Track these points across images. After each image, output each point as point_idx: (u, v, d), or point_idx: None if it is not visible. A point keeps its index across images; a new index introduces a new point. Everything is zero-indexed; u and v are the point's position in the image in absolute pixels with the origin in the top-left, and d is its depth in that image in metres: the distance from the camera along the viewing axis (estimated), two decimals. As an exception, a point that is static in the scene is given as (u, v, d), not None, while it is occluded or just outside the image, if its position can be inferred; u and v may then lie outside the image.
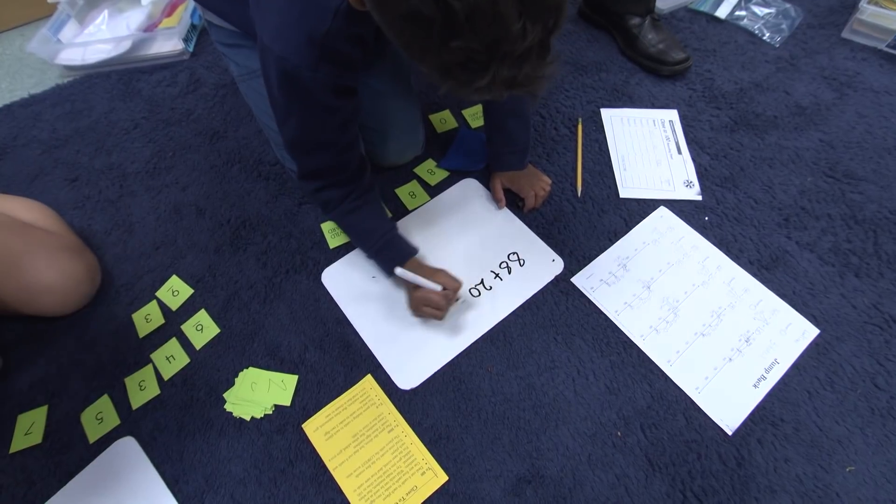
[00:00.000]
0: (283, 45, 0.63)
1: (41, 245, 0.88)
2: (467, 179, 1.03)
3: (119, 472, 0.79)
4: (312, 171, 0.80)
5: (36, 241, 0.88)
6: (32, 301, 0.85)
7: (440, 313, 0.83)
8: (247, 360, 0.86)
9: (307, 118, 0.71)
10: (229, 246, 0.98)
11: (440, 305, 0.82)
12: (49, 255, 0.87)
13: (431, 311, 0.82)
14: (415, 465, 0.76)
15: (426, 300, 0.82)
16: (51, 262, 0.87)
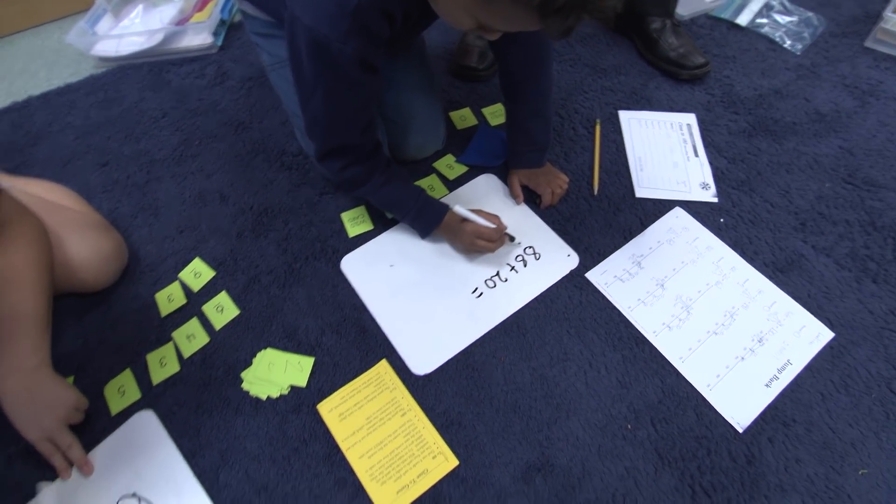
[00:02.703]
0: (314, 15, 0.64)
1: (73, 223, 0.91)
2: (485, 175, 1.04)
3: (138, 443, 0.81)
4: (333, 150, 0.82)
5: (68, 219, 0.91)
6: (67, 277, 0.88)
7: (494, 245, 0.88)
8: (265, 342, 0.88)
9: (332, 91, 0.73)
10: (251, 232, 1.01)
11: (493, 237, 0.88)
12: (81, 233, 0.90)
13: (485, 243, 0.87)
14: (426, 448, 0.77)
15: (479, 233, 0.88)
16: (83, 239, 0.90)
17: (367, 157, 0.85)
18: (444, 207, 0.91)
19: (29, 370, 0.76)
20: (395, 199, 0.91)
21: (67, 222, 0.90)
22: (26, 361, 0.76)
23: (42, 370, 0.77)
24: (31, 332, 0.77)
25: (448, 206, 0.91)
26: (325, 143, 0.82)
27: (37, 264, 0.79)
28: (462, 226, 0.89)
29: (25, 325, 0.76)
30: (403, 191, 0.91)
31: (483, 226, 0.88)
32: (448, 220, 0.90)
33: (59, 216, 0.90)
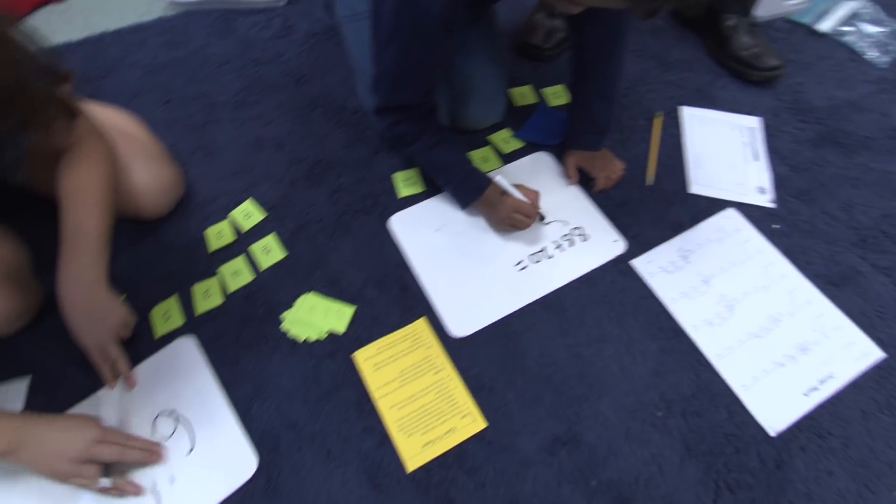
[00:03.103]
0: None
1: (138, 150, 0.94)
2: (540, 152, 1.04)
3: (178, 366, 0.83)
4: (394, 105, 0.84)
5: (134, 146, 0.94)
6: (127, 202, 0.91)
7: (530, 220, 0.89)
8: (307, 287, 0.90)
9: (409, 47, 0.74)
10: (304, 181, 1.02)
11: (530, 212, 0.88)
12: (144, 160, 0.93)
13: (521, 217, 0.88)
14: (456, 408, 0.78)
15: (517, 207, 0.88)
16: (145, 167, 0.93)
17: (422, 117, 0.87)
18: (486, 180, 0.91)
19: (88, 283, 0.79)
20: (442, 164, 0.92)
21: (133, 149, 0.93)
22: (86, 275, 0.79)
23: (99, 285, 0.80)
24: (92, 247, 0.79)
25: (491, 179, 0.91)
26: (388, 98, 0.83)
27: (104, 184, 0.82)
28: (502, 198, 0.89)
29: (88, 240, 0.79)
30: (450, 156, 0.91)
31: (522, 201, 0.88)
32: (488, 193, 0.90)
33: (126, 143, 0.93)
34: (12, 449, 0.68)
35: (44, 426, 0.70)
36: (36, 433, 0.69)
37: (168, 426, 0.79)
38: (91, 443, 0.69)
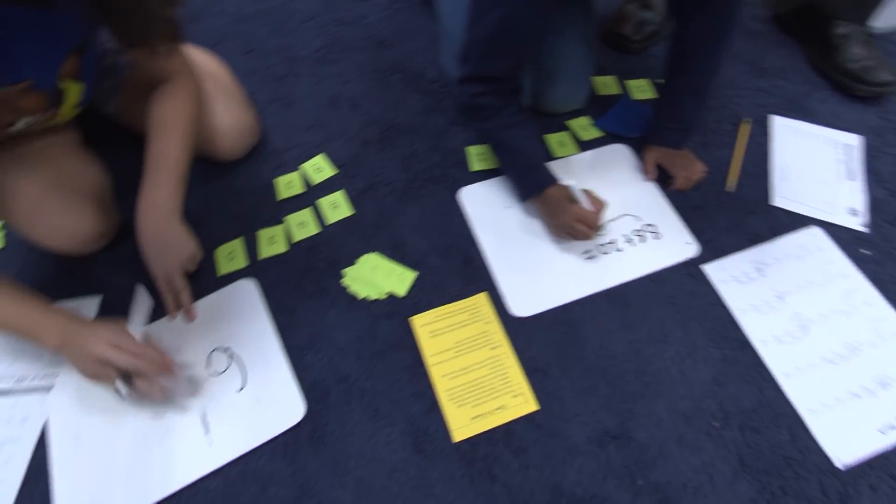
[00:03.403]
0: None
1: (221, 92, 0.95)
2: (619, 144, 1.01)
3: (237, 306, 0.85)
4: (481, 75, 0.82)
5: (218, 87, 0.95)
6: (206, 140, 0.93)
7: (592, 232, 0.85)
8: (371, 247, 0.89)
9: (510, 16, 0.73)
10: (377, 143, 1.02)
11: (593, 224, 0.84)
12: (226, 102, 0.94)
13: (584, 228, 0.84)
14: (509, 386, 0.76)
15: (582, 217, 0.84)
16: (227, 109, 0.94)
17: (506, 93, 0.86)
18: (551, 179, 0.87)
19: (165, 213, 0.81)
20: (513, 147, 0.89)
21: (217, 90, 0.94)
22: (164, 205, 0.81)
23: (175, 216, 0.81)
24: (173, 179, 0.81)
25: (556, 179, 0.87)
26: (477, 67, 0.82)
27: (190, 120, 0.83)
28: (568, 205, 0.85)
29: (170, 171, 0.81)
30: (525, 142, 0.89)
31: (587, 210, 0.84)
32: (553, 194, 0.86)
33: (211, 83, 0.94)
34: (63, 345, 0.71)
35: (79, 327, 0.72)
36: (75, 332, 0.71)
37: (222, 362, 0.80)
38: (106, 346, 0.71)
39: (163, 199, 0.81)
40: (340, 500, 0.70)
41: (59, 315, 0.73)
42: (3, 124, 0.72)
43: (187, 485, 0.72)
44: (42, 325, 0.71)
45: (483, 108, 0.86)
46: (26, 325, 0.72)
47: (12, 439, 0.76)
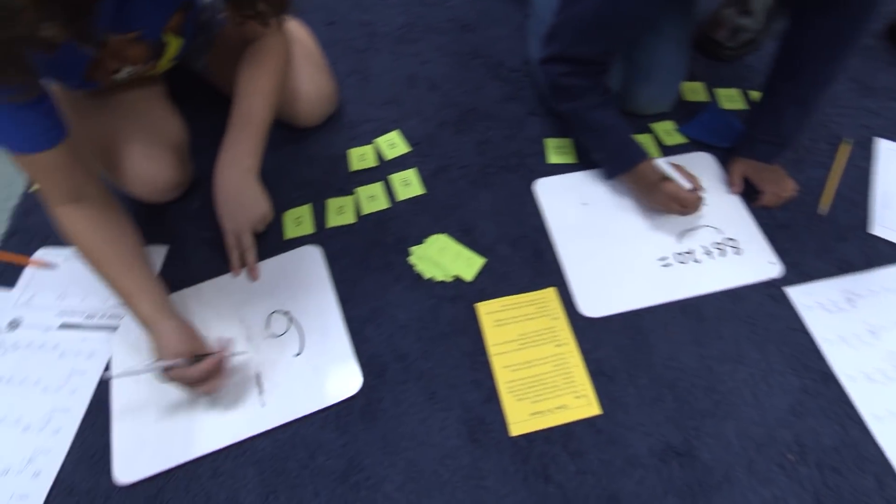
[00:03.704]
0: None
1: (306, 57, 0.95)
2: (703, 152, 0.96)
3: (301, 271, 0.84)
4: (571, 57, 0.81)
5: (303, 52, 0.95)
6: (288, 105, 0.93)
7: (688, 211, 0.83)
8: (440, 228, 0.88)
9: None
10: (453, 125, 1.01)
11: (688, 202, 0.82)
12: (310, 68, 0.94)
13: (679, 207, 0.82)
14: (572, 386, 0.73)
15: (676, 195, 0.82)
16: (310, 74, 0.94)
17: (594, 74, 0.84)
18: (643, 154, 0.85)
19: (243, 170, 0.81)
20: (601, 126, 0.87)
21: (302, 56, 0.94)
22: (244, 160, 0.81)
23: (252, 174, 0.82)
24: (254, 137, 0.81)
25: (647, 155, 0.85)
26: (567, 48, 0.81)
27: (277, 81, 0.83)
28: (661, 184, 0.83)
29: (253, 129, 0.81)
30: (612, 120, 0.87)
31: (682, 188, 0.82)
32: (643, 170, 0.85)
33: (297, 48, 0.94)
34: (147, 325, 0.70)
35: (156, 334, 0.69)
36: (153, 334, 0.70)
37: (281, 325, 0.80)
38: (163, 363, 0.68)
39: (243, 156, 0.81)
40: (389, 478, 0.69)
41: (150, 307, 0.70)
42: (109, 70, 0.74)
43: (237, 442, 0.71)
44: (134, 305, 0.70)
45: (571, 88, 0.84)
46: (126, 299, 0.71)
47: (79, 372, 0.77)
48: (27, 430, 0.73)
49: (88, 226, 0.71)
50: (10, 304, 0.84)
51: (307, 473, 0.69)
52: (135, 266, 0.72)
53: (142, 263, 0.73)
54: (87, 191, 0.71)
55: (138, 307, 0.70)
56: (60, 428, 0.73)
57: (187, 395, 0.74)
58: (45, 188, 0.69)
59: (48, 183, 0.68)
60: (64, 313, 0.83)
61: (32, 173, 0.68)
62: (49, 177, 0.68)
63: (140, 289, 0.71)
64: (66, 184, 0.69)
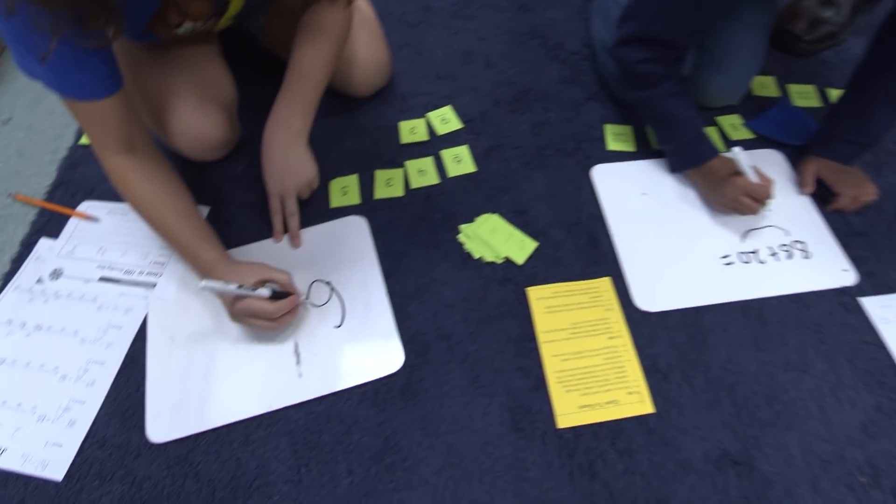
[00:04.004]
0: None
1: (365, 25, 0.92)
2: (771, 150, 0.91)
3: (345, 241, 0.81)
4: (646, 39, 0.77)
5: (363, 19, 0.92)
6: (343, 72, 0.90)
7: (758, 207, 0.79)
8: (492, 208, 0.84)
9: None
10: (508, 104, 0.97)
11: (762, 198, 0.78)
12: (368, 36, 0.91)
13: (750, 202, 0.78)
14: (625, 381, 0.69)
15: (750, 190, 0.78)
16: (368, 42, 0.91)
17: (671, 62, 0.79)
18: (714, 151, 0.81)
19: (294, 132, 0.78)
20: (673, 117, 0.82)
21: (361, 23, 0.91)
22: (295, 123, 0.78)
23: (302, 137, 0.79)
24: (308, 100, 0.79)
25: (718, 151, 0.81)
26: (646, 26, 0.76)
27: (337, 47, 0.80)
28: (732, 178, 0.79)
29: (308, 91, 0.79)
30: (685, 112, 0.82)
31: (756, 183, 0.78)
32: (715, 166, 0.81)
33: (357, 13, 0.91)
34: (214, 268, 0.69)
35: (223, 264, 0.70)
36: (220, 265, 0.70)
37: (322, 294, 0.77)
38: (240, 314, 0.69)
39: (294, 118, 0.78)
40: (427, 461, 0.65)
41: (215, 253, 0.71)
42: (170, 24, 0.72)
43: (271, 411, 0.69)
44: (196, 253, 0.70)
45: (646, 76, 0.79)
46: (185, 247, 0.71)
47: (116, 326, 0.76)
48: (64, 380, 0.72)
49: (142, 176, 0.70)
50: (53, 253, 0.83)
51: (341, 449, 0.67)
52: (191, 216, 0.71)
53: (197, 214, 0.73)
54: (140, 143, 0.70)
55: (201, 254, 0.70)
56: (95, 380, 0.72)
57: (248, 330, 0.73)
58: (99, 138, 0.68)
59: (103, 132, 0.67)
60: (104, 267, 0.82)
61: (88, 121, 0.67)
62: (104, 125, 0.66)
63: (200, 237, 0.70)
64: (121, 133, 0.67)
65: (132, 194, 0.71)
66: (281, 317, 0.69)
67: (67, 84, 0.62)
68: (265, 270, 0.70)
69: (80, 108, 0.65)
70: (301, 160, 0.79)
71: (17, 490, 0.65)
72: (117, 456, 0.67)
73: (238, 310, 0.68)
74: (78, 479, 0.66)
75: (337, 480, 0.65)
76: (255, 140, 0.91)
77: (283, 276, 0.70)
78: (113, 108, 0.65)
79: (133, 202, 0.71)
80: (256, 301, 0.67)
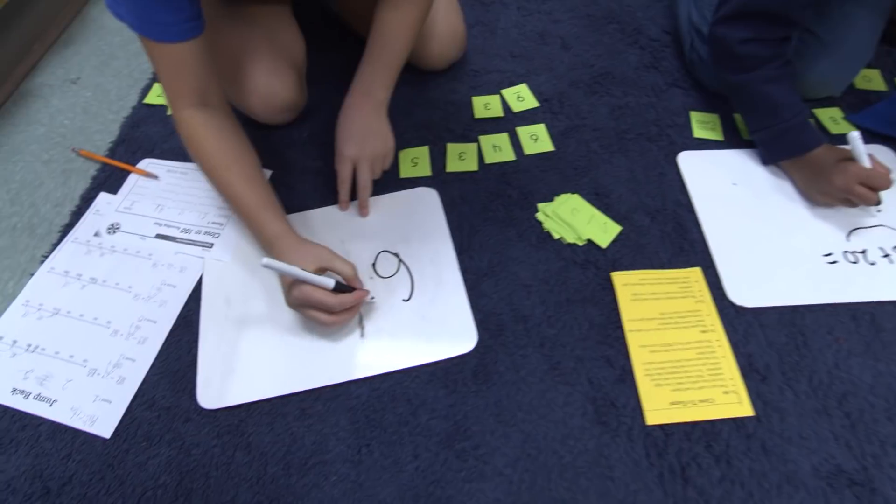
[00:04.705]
0: None
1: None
2: (880, 145, 0.83)
3: (415, 212, 0.77)
4: (752, 14, 0.71)
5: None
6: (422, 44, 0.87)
7: (874, 197, 0.70)
8: (571, 188, 0.79)
9: None
10: (586, 86, 0.92)
11: (882, 184, 0.69)
12: (447, 8, 0.88)
13: (865, 192, 0.69)
14: (720, 379, 0.63)
15: (866, 177, 0.69)
16: (447, 15, 0.88)
17: (776, 42, 0.73)
18: (817, 139, 0.74)
19: (375, 101, 0.75)
20: (773, 103, 0.75)
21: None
22: (378, 93, 0.76)
23: (382, 107, 0.76)
24: (390, 69, 0.76)
25: (823, 140, 0.74)
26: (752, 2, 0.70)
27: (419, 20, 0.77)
28: (842, 164, 0.71)
29: (391, 61, 0.76)
30: (787, 96, 0.75)
31: (872, 171, 0.70)
32: (819, 155, 0.74)
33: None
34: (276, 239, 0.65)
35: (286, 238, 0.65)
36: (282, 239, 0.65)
37: (390, 266, 0.72)
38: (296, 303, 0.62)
39: (377, 88, 0.75)
40: (501, 451, 0.60)
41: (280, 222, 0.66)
42: None
43: (331, 385, 0.64)
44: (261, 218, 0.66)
45: (747, 57, 0.73)
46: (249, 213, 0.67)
47: (170, 285, 0.72)
48: (115, 335, 0.68)
49: (213, 133, 0.67)
50: (112, 208, 0.80)
51: (407, 431, 0.61)
52: (258, 181, 0.68)
53: (264, 181, 0.69)
54: (214, 99, 0.67)
55: (266, 221, 0.65)
56: (147, 338, 0.68)
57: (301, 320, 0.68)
58: (173, 85, 0.65)
59: (178, 79, 0.64)
60: (161, 224, 0.78)
61: (165, 67, 0.64)
62: (180, 72, 0.64)
63: (265, 205, 0.66)
64: (196, 83, 0.65)
65: (200, 151, 0.67)
66: (342, 312, 0.62)
67: (151, 24, 0.60)
68: (329, 257, 0.63)
69: (160, 52, 0.62)
70: (380, 129, 0.75)
71: (64, 444, 0.61)
72: (166, 419, 0.63)
73: (297, 297, 0.61)
74: (126, 438, 0.62)
75: (401, 465, 0.59)
76: (319, 109, 0.89)
77: (346, 267, 0.63)
78: (192, 53, 0.62)
79: (200, 159, 0.68)
80: (318, 291, 0.60)
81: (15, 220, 0.80)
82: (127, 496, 0.59)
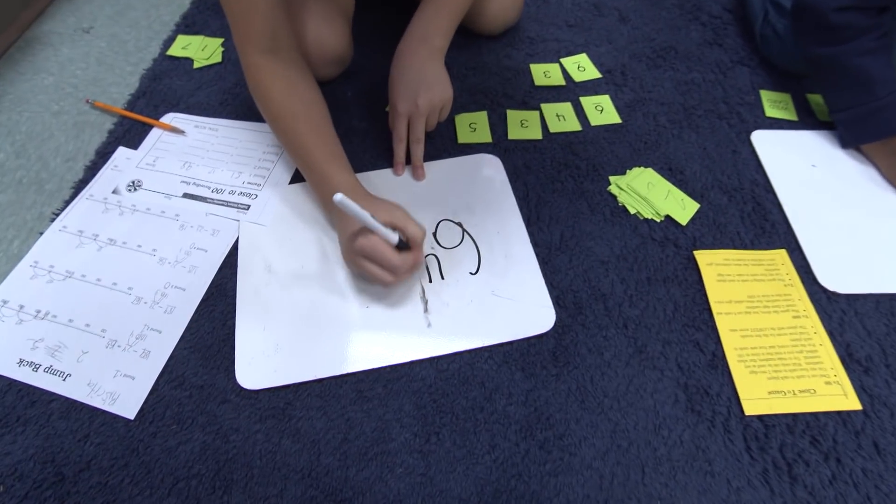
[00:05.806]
0: None
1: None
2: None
3: (478, 179, 0.70)
4: None
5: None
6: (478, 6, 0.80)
7: None
8: (643, 162, 0.73)
9: None
10: (648, 60, 0.86)
11: None
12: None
13: None
14: (819, 369, 0.57)
15: None
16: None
17: (876, 12, 0.68)
18: None
19: (434, 48, 0.69)
20: (866, 78, 0.69)
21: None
22: (436, 39, 0.69)
23: (441, 55, 0.69)
24: (449, 17, 0.70)
25: None
26: None
27: None
28: None
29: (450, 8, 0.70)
30: (883, 72, 0.69)
31: None
32: None
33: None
34: None
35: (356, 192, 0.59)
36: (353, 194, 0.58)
37: (453, 236, 0.65)
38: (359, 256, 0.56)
39: (435, 34, 0.68)
40: (588, 441, 0.53)
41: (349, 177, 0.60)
42: None
43: (391, 365, 0.57)
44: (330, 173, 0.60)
45: (840, 28, 0.68)
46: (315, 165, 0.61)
47: (201, 249, 0.64)
48: (138, 303, 0.60)
49: (282, 81, 0.61)
50: (132, 164, 0.71)
51: (482, 418, 0.54)
52: (327, 132, 0.61)
53: (333, 133, 0.62)
54: (285, 45, 0.61)
55: (334, 173, 0.59)
56: (174, 308, 0.60)
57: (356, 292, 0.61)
58: (242, 28, 0.59)
59: (248, 21, 0.58)
60: (188, 182, 0.70)
61: (235, 9, 0.58)
62: (251, 15, 0.58)
63: (334, 156, 0.60)
64: (267, 27, 0.59)
65: (267, 99, 0.61)
66: (401, 273, 0.56)
67: None
68: (404, 217, 0.56)
69: None
70: (439, 77, 0.68)
71: (80, 424, 0.53)
72: (199, 399, 0.55)
73: (362, 245, 0.54)
74: (152, 420, 0.54)
75: (477, 456, 0.52)
76: (363, 68, 0.82)
77: (418, 229, 0.56)
78: None
79: (266, 108, 0.62)
80: (382, 244, 0.54)
81: (20, 174, 0.71)
82: (155, 486, 0.51)
